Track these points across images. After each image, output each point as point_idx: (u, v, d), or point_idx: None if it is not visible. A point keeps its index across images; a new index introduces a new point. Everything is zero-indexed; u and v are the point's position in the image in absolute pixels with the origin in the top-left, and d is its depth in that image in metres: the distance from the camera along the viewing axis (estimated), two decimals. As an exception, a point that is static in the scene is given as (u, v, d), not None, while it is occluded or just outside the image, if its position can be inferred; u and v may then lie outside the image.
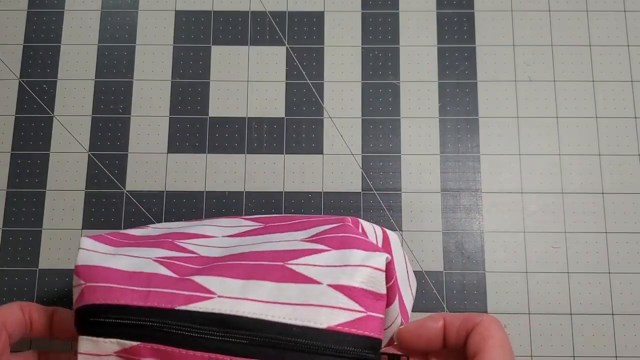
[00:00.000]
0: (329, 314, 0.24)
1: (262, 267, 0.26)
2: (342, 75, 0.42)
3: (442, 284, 0.39)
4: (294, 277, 0.25)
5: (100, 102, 0.42)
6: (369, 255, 0.25)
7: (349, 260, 0.25)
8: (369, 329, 0.24)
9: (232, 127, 0.41)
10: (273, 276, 0.25)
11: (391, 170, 0.41)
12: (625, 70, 0.42)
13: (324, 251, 0.26)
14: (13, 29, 0.43)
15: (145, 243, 0.30)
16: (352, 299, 0.24)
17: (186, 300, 0.25)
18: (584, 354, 0.38)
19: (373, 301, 0.24)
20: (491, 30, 0.43)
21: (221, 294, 0.25)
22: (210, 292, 0.25)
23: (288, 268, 0.25)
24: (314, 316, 0.24)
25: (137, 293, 0.25)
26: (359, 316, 0.24)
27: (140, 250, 0.29)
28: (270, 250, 0.27)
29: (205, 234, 0.31)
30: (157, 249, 0.29)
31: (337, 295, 0.24)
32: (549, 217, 0.40)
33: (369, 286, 0.24)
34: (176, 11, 0.43)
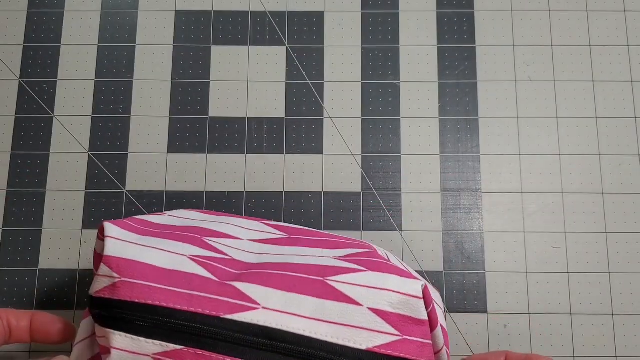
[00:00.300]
0: (368, 336, 0.25)
1: (302, 280, 0.26)
2: (342, 75, 0.42)
3: (442, 284, 0.39)
4: (335, 295, 0.25)
5: (100, 102, 0.42)
6: (405, 282, 0.26)
7: (386, 285, 0.26)
8: (405, 351, 0.25)
9: (232, 127, 0.41)
10: (315, 291, 0.26)
11: (391, 170, 0.41)
12: (625, 70, 0.42)
13: (362, 271, 0.26)
14: (13, 29, 0.43)
15: (172, 235, 0.29)
16: (389, 323, 0.25)
17: (231, 309, 0.25)
18: (584, 354, 0.38)
19: (410, 326, 0.26)
20: (491, 30, 0.43)
21: (265, 306, 0.25)
22: (255, 302, 0.25)
23: (328, 284, 0.26)
24: (354, 337, 0.25)
25: (180, 296, 0.25)
26: (395, 339, 0.25)
27: (171, 244, 0.28)
28: (307, 263, 0.27)
29: (230, 235, 0.31)
30: (189, 245, 0.28)
31: (376, 319, 0.25)
32: (549, 217, 0.40)
33: (406, 312, 0.25)
34: (176, 11, 0.43)
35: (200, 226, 0.31)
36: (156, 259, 0.26)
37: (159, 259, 0.26)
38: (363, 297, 0.25)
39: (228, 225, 0.32)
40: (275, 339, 0.24)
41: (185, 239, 0.29)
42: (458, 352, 0.38)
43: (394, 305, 0.25)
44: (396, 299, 0.25)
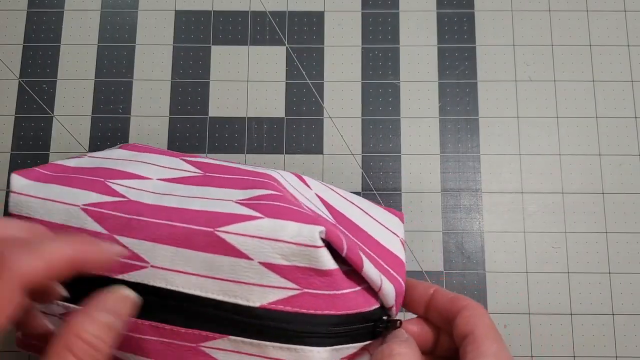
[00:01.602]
0: (261, 292, 0.23)
1: (192, 233, 0.24)
2: (342, 75, 0.42)
3: (443, 284, 0.39)
4: (225, 249, 0.24)
5: (100, 102, 0.42)
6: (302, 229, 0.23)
7: (280, 234, 0.23)
8: (307, 306, 0.23)
9: (232, 127, 0.41)
10: (204, 246, 0.24)
11: (391, 170, 0.41)
12: (625, 70, 0.42)
13: (257, 218, 0.24)
14: (13, 28, 0.43)
15: (76, 180, 0.28)
16: (285, 277, 0.23)
17: (121, 269, 0.24)
18: (584, 354, 0.38)
19: (312, 277, 0.23)
20: (491, 30, 0.43)
21: (154, 264, 0.24)
22: (144, 260, 0.24)
23: (219, 236, 0.24)
24: (246, 294, 0.23)
25: None
26: (293, 294, 0.23)
27: (70, 193, 0.27)
28: (202, 209, 0.26)
29: (140, 174, 0.29)
30: (87, 192, 0.27)
31: (269, 273, 0.23)
32: (549, 217, 0.40)
33: (303, 263, 0.23)
34: (176, 11, 0.43)
35: (112, 167, 0.30)
36: (50, 213, 0.26)
37: (53, 214, 0.26)
38: (254, 250, 0.23)
39: (142, 164, 0.30)
40: (165, 297, 0.24)
41: (87, 184, 0.28)
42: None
43: (287, 257, 0.23)
44: (289, 251, 0.23)
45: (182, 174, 0.30)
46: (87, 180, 0.28)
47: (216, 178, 0.29)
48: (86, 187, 0.27)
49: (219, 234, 0.24)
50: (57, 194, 0.27)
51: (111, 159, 0.31)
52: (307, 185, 0.31)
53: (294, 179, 0.30)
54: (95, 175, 0.29)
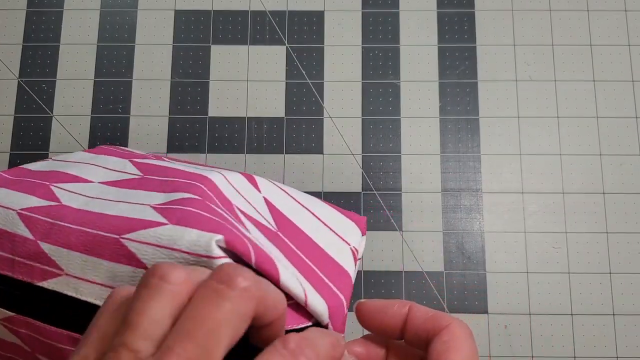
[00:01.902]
0: None
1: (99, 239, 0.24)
2: (342, 75, 0.42)
3: (443, 284, 0.39)
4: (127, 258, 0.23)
5: (100, 102, 0.42)
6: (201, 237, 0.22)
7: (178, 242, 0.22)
8: None
9: (232, 127, 0.41)
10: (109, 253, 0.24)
11: (391, 170, 0.41)
12: (626, 70, 0.42)
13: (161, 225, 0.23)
14: (12, 28, 0.43)
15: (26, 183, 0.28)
16: None
17: (42, 276, 0.24)
18: (584, 355, 0.38)
19: None
20: (491, 30, 0.43)
21: (67, 272, 0.24)
22: (59, 267, 0.24)
23: (121, 243, 0.24)
24: None
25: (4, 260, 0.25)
26: None
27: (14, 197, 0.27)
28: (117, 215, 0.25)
29: (84, 178, 0.29)
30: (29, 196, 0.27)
31: None
32: (550, 217, 0.40)
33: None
34: (176, 11, 0.43)
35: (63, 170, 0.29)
36: None
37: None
38: (151, 258, 0.23)
39: (93, 167, 0.30)
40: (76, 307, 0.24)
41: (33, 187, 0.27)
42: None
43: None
44: (183, 261, 0.22)
45: (122, 177, 0.29)
46: (34, 183, 0.28)
47: (151, 180, 0.28)
48: (30, 191, 0.27)
49: (123, 240, 0.23)
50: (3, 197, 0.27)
51: (68, 162, 0.31)
52: (256, 188, 0.30)
53: (240, 181, 0.29)
54: (43, 179, 0.29)
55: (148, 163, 0.31)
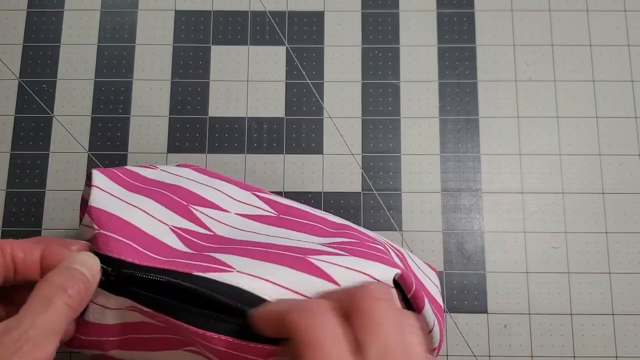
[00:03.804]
0: None
1: (280, 256, 0.25)
2: (342, 75, 0.42)
3: (443, 284, 0.39)
4: (315, 271, 0.24)
5: (100, 102, 0.42)
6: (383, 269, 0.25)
7: (365, 269, 0.25)
8: None
9: (232, 127, 0.41)
10: (294, 265, 0.24)
11: (391, 170, 0.41)
12: (625, 70, 0.42)
13: (344, 255, 0.26)
14: (13, 28, 0.43)
15: (158, 195, 0.28)
16: None
17: (204, 270, 0.23)
18: (584, 354, 0.38)
19: None
20: (491, 30, 0.43)
21: (240, 270, 0.24)
22: (229, 266, 0.24)
23: (309, 261, 0.25)
24: None
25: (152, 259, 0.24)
26: None
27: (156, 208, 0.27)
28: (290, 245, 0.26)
29: (219, 205, 0.30)
30: (173, 213, 0.27)
31: None
32: (549, 217, 0.40)
33: None
34: (176, 11, 0.43)
35: (190, 188, 0.29)
36: (138, 219, 0.25)
37: (141, 221, 0.25)
38: (343, 277, 0.24)
39: (218, 193, 0.30)
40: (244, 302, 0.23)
41: (172, 203, 0.28)
42: (458, 352, 0.38)
43: None
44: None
45: (258, 212, 0.31)
46: (170, 199, 0.28)
47: (291, 221, 0.30)
48: (172, 208, 0.27)
49: (310, 259, 0.25)
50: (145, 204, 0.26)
51: (186, 179, 0.31)
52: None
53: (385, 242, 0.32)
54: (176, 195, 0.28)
55: (273, 200, 0.33)
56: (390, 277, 0.25)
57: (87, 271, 0.22)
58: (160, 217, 0.26)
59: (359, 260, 0.25)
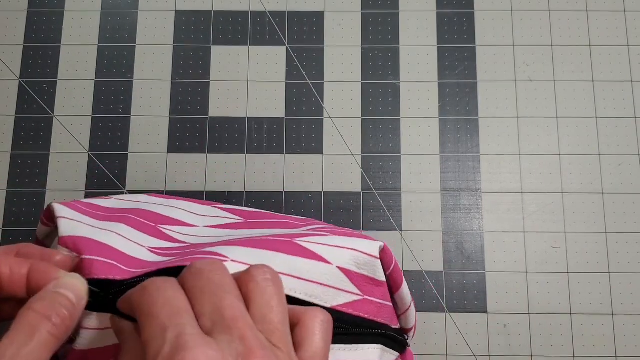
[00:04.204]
0: (335, 294, 0.25)
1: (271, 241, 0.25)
2: (342, 75, 0.42)
3: (442, 284, 0.39)
4: (305, 253, 0.25)
5: (100, 102, 0.42)
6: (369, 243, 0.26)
7: (354, 245, 0.26)
8: (364, 311, 0.25)
9: (232, 127, 0.41)
10: (284, 249, 0.25)
11: (391, 170, 0.41)
12: (625, 70, 0.42)
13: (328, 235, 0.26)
14: (13, 29, 0.43)
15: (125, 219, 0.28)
16: (353, 283, 0.25)
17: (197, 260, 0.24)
18: (584, 354, 0.38)
19: (371, 286, 0.26)
20: (491, 30, 0.43)
21: (234, 259, 0.24)
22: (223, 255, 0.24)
23: (297, 244, 0.25)
24: (322, 294, 0.25)
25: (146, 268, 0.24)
26: (357, 299, 0.25)
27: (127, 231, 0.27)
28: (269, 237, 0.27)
29: (185, 222, 0.30)
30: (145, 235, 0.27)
31: (343, 278, 0.25)
32: (549, 217, 0.40)
33: (368, 272, 0.26)
34: (176, 11, 0.43)
35: (153, 210, 0.30)
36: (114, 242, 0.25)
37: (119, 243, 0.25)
38: (333, 256, 0.25)
39: (180, 211, 0.31)
40: None
41: (141, 226, 0.28)
42: (458, 352, 0.38)
43: (359, 265, 0.25)
44: (362, 260, 0.25)
45: (225, 221, 0.31)
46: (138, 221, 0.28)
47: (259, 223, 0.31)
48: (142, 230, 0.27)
49: (297, 242, 0.25)
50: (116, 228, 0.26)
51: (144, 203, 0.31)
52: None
53: None
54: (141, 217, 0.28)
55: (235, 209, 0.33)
56: (376, 249, 0.25)
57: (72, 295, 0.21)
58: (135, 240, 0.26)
59: (343, 238, 0.26)
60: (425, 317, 0.38)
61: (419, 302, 0.39)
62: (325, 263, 0.25)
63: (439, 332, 0.38)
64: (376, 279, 0.26)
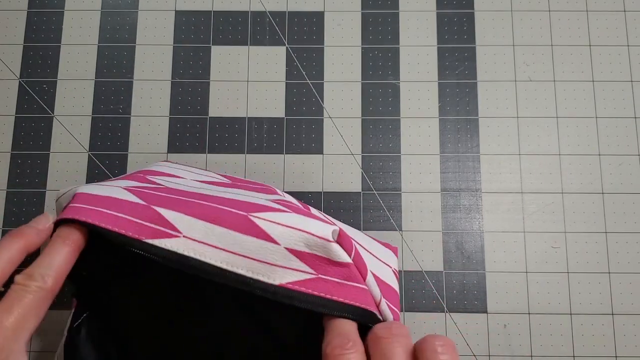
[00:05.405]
0: (283, 272, 0.26)
1: (225, 213, 0.26)
2: (342, 75, 0.42)
3: (442, 284, 0.39)
4: (256, 232, 0.26)
5: (100, 102, 0.42)
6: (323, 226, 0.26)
7: (306, 227, 0.26)
8: (319, 289, 0.26)
9: (232, 127, 0.41)
10: (236, 226, 0.26)
11: (391, 170, 0.41)
12: (625, 70, 0.42)
13: (286, 212, 0.27)
14: (13, 29, 0.43)
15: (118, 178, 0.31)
16: (304, 262, 0.26)
17: (153, 234, 0.26)
18: (584, 354, 0.38)
19: (326, 266, 0.26)
20: (491, 30, 0.43)
21: (187, 235, 0.26)
22: (177, 230, 0.26)
23: (251, 220, 0.26)
24: (268, 272, 0.26)
25: (107, 217, 0.26)
26: (309, 277, 0.26)
27: (111, 181, 0.30)
28: (235, 199, 0.28)
29: (176, 175, 0.32)
30: (128, 181, 0.30)
31: (291, 257, 0.26)
32: (549, 217, 0.40)
33: (322, 253, 0.26)
34: (176, 11, 0.43)
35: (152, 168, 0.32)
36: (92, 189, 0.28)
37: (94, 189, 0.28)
38: (282, 236, 0.26)
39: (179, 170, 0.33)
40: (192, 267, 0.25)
41: (129, 177, 0.30)
42: (458, 352, 0.38)
43: (310, 246, 0.26)
44: (313, 241, 0.26)
45: (213, 179, 0.33)
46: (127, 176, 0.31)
47: (243, 185, 0.33)
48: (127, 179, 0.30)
49: (251, 218, 0.26)
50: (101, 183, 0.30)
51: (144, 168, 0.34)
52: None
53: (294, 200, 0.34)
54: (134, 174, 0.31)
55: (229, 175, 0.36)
56: (328, 233, 0.26)
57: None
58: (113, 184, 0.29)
59: (300, 218, 0.26)
60: (425, 317, 0.38)
61: (419, 302, 0.39)
62: (274, 243, 0.26)
63: (439, 332, 0.38)
64: (332, 260, 0.26)
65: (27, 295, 0.23)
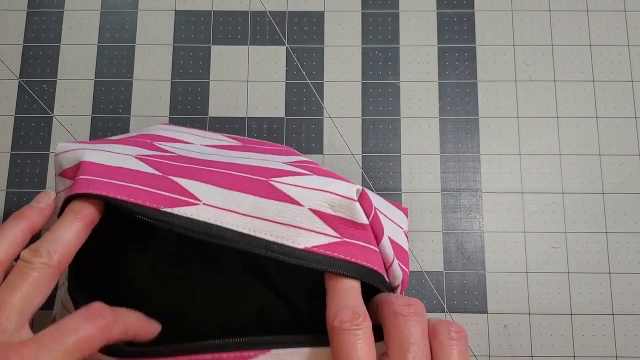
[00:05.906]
0: (307, 235, 0.25)
1: (245, 179, 0.26)
2: (342, 75, 0.42)
3: (442, 284, 0.39)
4: (277, 195, 0.25)
5: (100, 102, 0.42)
6: (347, 186, 0.25)
7: (329, 187, 0.25)
8: (344, 252, 0.25)
9: (232, 127, 0.41)
10: (256, 190, 0.25)
11: (391, 170, 0.41)
12: (625, 70, 0.42)
13: (307, 175, 0.26)
14: (13, 28, 0.43)
15: (122, 140, 0.29)
16: (329, 225, 0.25)
17: (172, 203, 0.25)
18: (584, 354, 0.38)
19: (351, 229, 0.25)
20: (491, 30, 0.43)
21: (206, 202, 0.25)
22: (195, 197, 0.25)
23: (271, 184, 0.25)
24: (292, 236, 0.25)
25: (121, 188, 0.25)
26: (334, 241, 0.25)
27: (119, 147, 0.28)
28: (253, 165, 0.27)
29: (182, 140, 0.31)
30: (136, 147, 0.28)
31: (316, 219, 0.25)
32: (549, 217, 0.40)
33: (346, 215, 0.25)
34: (176, 11, 0.43)
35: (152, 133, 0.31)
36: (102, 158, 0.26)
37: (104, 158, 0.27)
38: (305, 197, 0.25)
39: (182, 134, 0.32)
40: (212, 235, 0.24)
41: (135, 142, 0.29)
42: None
43: (334, 207, 0.25)
44: (337, 202, 0.25)
45: (222, 143, 0.32)
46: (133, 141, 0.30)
47: (255, 147, 0.31)
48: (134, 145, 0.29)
49: (272, 183, 0.25)
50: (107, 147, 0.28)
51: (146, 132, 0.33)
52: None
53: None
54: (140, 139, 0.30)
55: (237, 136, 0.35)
56: (353, 193, 0.25)
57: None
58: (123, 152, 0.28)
59: (321, 179, 0.26)
60: (426, 317, 0.38)
61: (419, 302, 0.39)
62: (297, 205, 0.25)
63: (439, 333, 0.38)
64: (356, 222, 0.25)
65: (32, 272, 0.22)
